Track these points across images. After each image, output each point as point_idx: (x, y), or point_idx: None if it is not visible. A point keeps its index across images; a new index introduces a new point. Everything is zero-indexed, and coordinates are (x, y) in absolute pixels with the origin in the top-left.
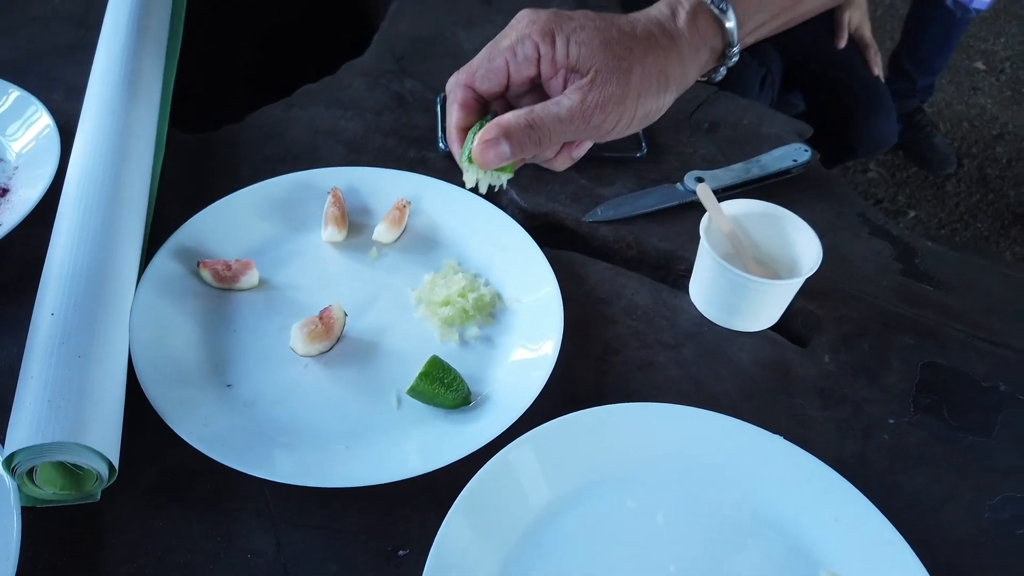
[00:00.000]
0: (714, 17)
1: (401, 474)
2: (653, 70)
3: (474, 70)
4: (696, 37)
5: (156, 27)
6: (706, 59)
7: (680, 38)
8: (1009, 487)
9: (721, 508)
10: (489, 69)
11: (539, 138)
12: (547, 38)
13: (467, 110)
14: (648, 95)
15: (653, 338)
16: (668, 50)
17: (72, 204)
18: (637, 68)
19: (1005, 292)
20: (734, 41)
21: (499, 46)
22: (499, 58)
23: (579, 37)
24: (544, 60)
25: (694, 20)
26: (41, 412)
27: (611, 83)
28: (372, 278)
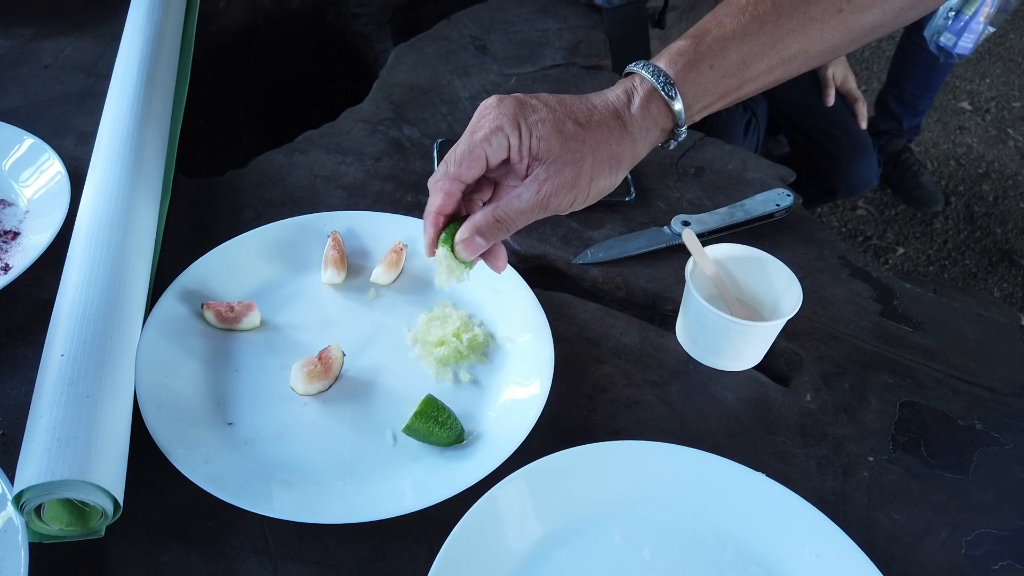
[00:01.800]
0: (664, 102)
1: (396, 511)
2: (605, 156)
3: (459, 161)
4: (648, 120)
5: (164, 75)
6: (656, 137)
7: (632, 124)
8: (984, 523)
9: (705, 544)
10: (470, 160)
11: (506, 228)
12: (515, 130)
13: (450, 198)
14: (600, 177)
15: (640, 377)
16: (620, 137)
17: (82, 248)
18: (588, 157)
19: (981, 333)
20: (682, 122)
21: (476, 138)
22: (478, 149)
23: (539, 131)
24: (513, 149)
25: (647, 105)
26: (50, 450)
27: (564, 172)
28: (370, 319)
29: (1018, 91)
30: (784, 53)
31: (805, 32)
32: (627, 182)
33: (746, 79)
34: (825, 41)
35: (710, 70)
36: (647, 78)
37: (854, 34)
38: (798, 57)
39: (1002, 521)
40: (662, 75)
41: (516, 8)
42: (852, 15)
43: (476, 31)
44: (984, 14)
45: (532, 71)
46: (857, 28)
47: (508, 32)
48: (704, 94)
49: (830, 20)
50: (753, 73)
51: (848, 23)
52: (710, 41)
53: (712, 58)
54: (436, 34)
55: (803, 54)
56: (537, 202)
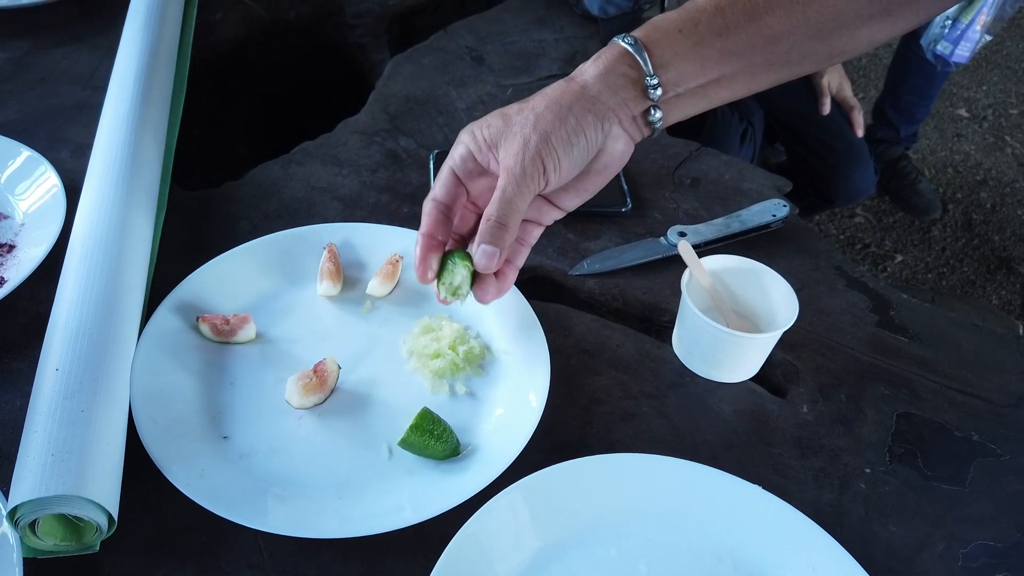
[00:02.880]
0: (622, 50)
1: (392, 524)
2: (551, 110)
3: (435, 184)
4: (601, 66)
5: (160, 87)
6: (620, 83)
7: (581, 74)
8: (982, 535)
9: (702, 557)
10: (443, 178)
11: (501, 224)
12: (471, 135)
13: (431, 219)
14: (557, 128)
15: (637, 389)
16: (565, 89)
17: (77, 262)
18: (532, 119)
19: (977, 344)
20: (649, 70)
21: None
22: (444, 167)
23: (487, 123)
24: (474, 151)
25: (598, 57)
26: (45, 466)
27: (516, 139)
28: (365, 331)
29: (1015, 99)
30: (764, 32)
31: (784, 11)
32: (623, 193)
33: (726, 52)
34: (809, 24)
35: (679, 34)
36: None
37: (840, 20)
38: (783, 40)
39: (999, 533)
40: (623, 35)
41: (512, 19)
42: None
43: (472, 42)
44: (981, 22)
45: (528, 81)
46: (843, 13)
47: (504, 43)
48: (676, 57)
49: (812, 1)
50: (732, 47)
51: (832, 5)
52: (680, 12)
53: (680, 23)
54: (432, 45)
55: (787, 37)
56: (511, 180)
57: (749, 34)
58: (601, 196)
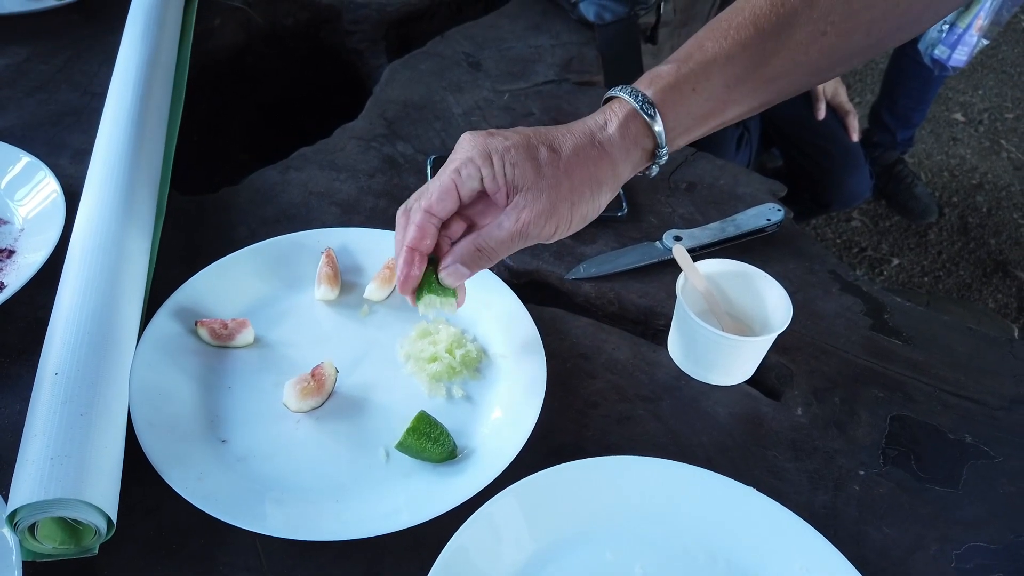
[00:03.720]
0: (644, 122)
1: (389, 527)
2: (583, 179)
3: (431, 194)
4: (628, 141)
5: (159, 94)
6: (638, 158)
7: (611, 145)
8: (975, 537)
9: (697, 559)
10: (442, 193)
11: (487, 257)
12: (486, 160)
13: (423, 232)
14: (581, 202)
15: (632, 392)
16: (599, 160)
17: (76, 266)
18: (565, 181)
19: (970, 346)
20: (663, 143)
21: (447, 170)
22: (448, 182)
23: (512, 158)
24: (486, 179)
25: (626, 126)
26: (44, 469)
27: (542, 199)
28: (363, 335)
29: (1011, 103)
30: (768, 75)
31: (789, 55)
32: (619, 198)
33: (729, 102)
34: (809, 64)
35: (692, 92)
36: (626, 100)
37: (838, 57)
38: (782, 79)
39: (992, 535)
40: (640, 95)
41: (509, 25)
42: (836, 38)
43: (469, 48)
44: (977, 27)
45: (525, 87)
46: (841, 51)
47: (501, 49)
48: (686, 116)
49: (814, 44)
50: (736, 96)
51: (832, 46)
52: (692, 64)
53: (694, 81)
54: (430, 51)
55: (787, 76)
56: (517, 231)
57: (754, 81)
58: None
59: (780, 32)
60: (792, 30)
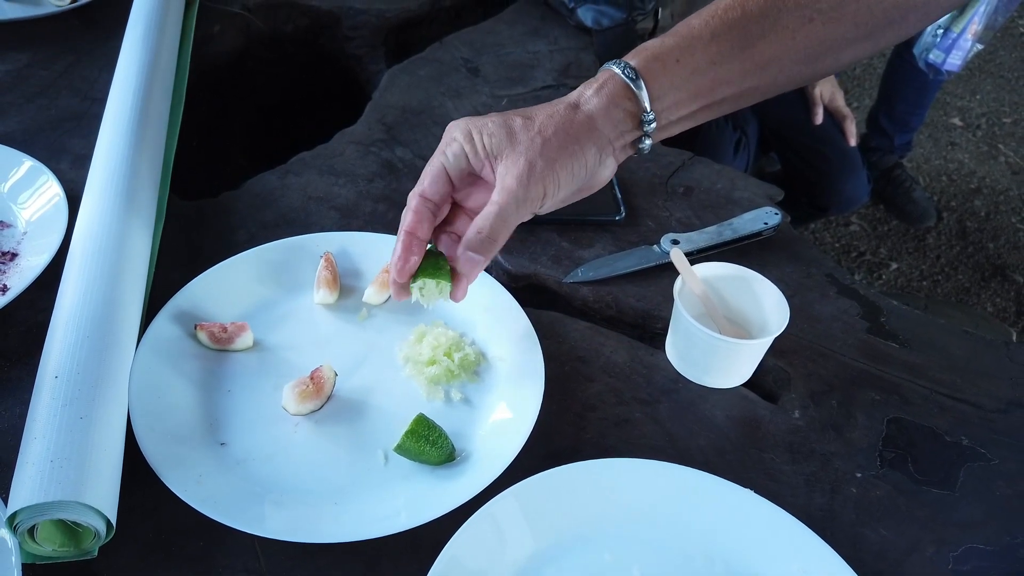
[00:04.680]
0: (623, 83)
1: (388, 529)
2: (560, 137)
3: (423, 179)
4: (604, 98)
5: (159, 99)
6: (620, 117)
7: (587, 103)
8: (971, 539)
9: (694, 561)
10: (433, 175)
11: (491, 238)
12: (468, 137)
13: (418, 216)
14: (563, 158)
15: (630, 395)
16: (574, 118)
17: (76, 270)
18: (539, 140)
19: (967, 349)
20: (647, 107)
21: (435, 158)
22: (437, 163)
23: (489, 130)
24: (470, 155)
25: (603, 86)
26: (43, 472)
27: (520, 161)
28: (362, 339)
29: (1008, 107)
30: (756, 59)
31: (776, 38)
32: (617, 201)
33: (718, 80)
34: (798, 51)
35: (676, 64)
36: (610, 67)
37: (828, 46)
38: (772, 65)
39: (989, 537)
40: (621, 63)
41: (507, 31)
42: (823, 26)
43: (468, 53)
44: (972, 31)
45: (523, 92)
46: (830, 40)
47: (499, 54)
48: (671, 88)
49: (801, 28)
50: (725, 75)
51: (820, 33)
52: (677, 38)
53: (678, 52)
54: (428, 56)
55: (777, 62)
56: (508, 199)
57: (741, 61)
58: (595, 205)
59: (766, 14)
60: (779, 14)
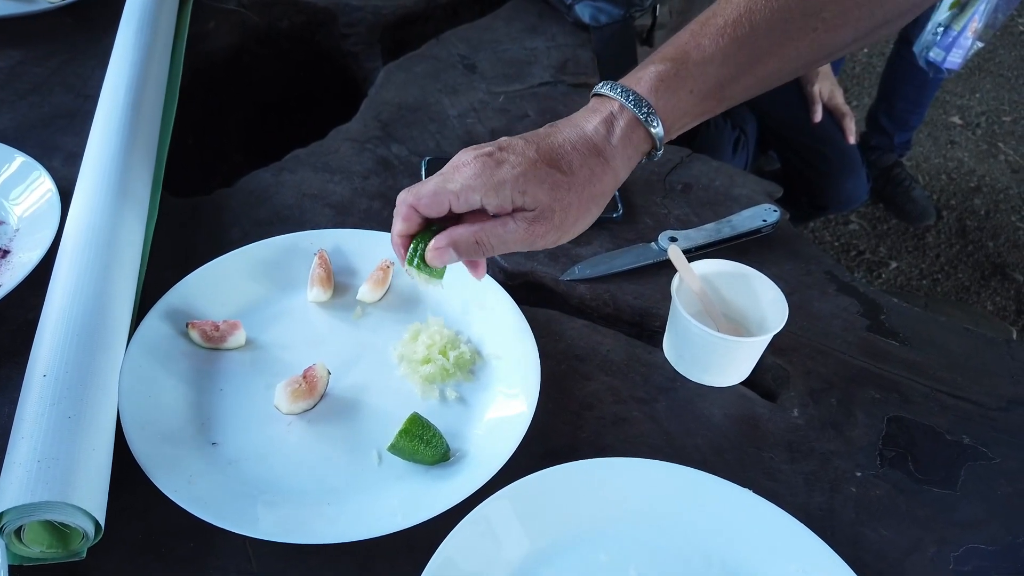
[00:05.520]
0: (646, 131)
1: (381, 530)
2: (590, 195)
3: (420, 198)
4: (629, 149)
5: (152, 96)
6: (636, 161)
7: (614, 157)
8: (972, 539)
9: (692, 561)
10: (433, 201)
11: (484, 251)
12: (490, 193)
13: (409, 222)
14: (586, 215)
15: (627, 394)
16: (603, 175)
17: (66, 268)
18: (575, 200)
19: (967, 347)
20: (660, 145)
21: (446, 188)
22: (444, 198)
23: (521, 187)
24: (489, 207)
25: (628, 138)
26: (31, 472)
27: (553, 218)
28: (356, 337)
29: (1008, 106)
30: (760, 73)
31: (782, 51)
32: (615, 199)
33: (723, 99)
34: (799, 59)
35: (690, 94)
36: (628, 107)
37: (827, 51)
38: (773, 75)
39: (990, 536)
40: (644, 104)
41: (504, 27)
42: (826, 34)
43: (465, 50)
44: (972, 29)
45: (520, 89)
46: (830, 45)
47: (496, 51)
48: (681, 116)
49: (804, 39)
50: (730, 93)
51: (822, 41)
52: (691, 66)
53: (692, 82)
54: (425, 53)
55: (778, 72)
56: (524, 239)
57: (747, 78)
58: None
59: (774, 28)
60: (787, 26)
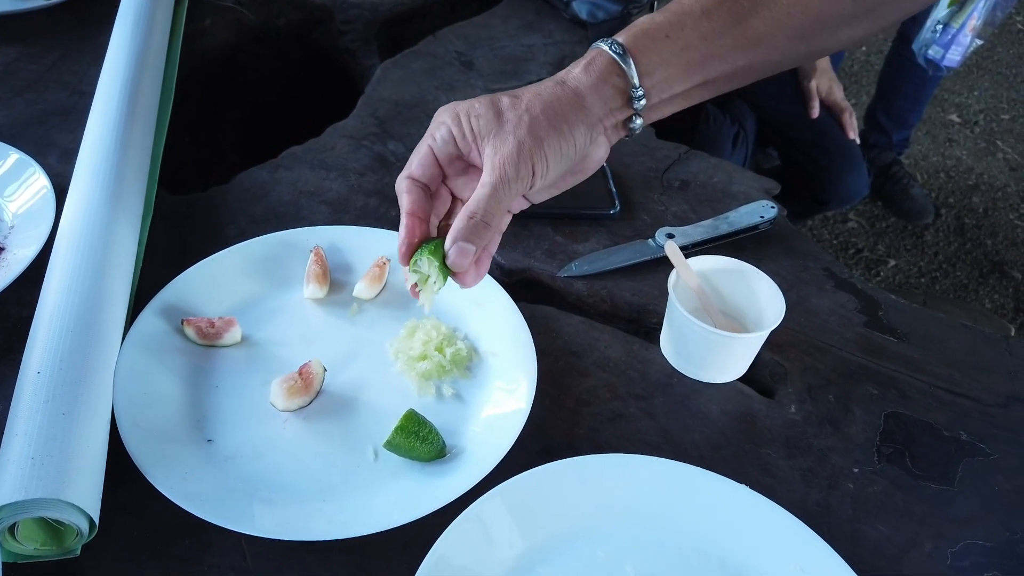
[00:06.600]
0: (611, 58)
1: (377, 526)
2: (548, 115)
3: (411, 163)
4: (592, 75)
5: (147, 94)
6: (609, 94)
7: (575, 81)
8: (970, 535)
9: (689, 558)
10: (420, 158)
11: (484, 223)
12: (455, 120)
13: (411, 196)
14: (551, 136)
15: (624, 390)
16: (561, 96)
17: (61, 265)
18: (526, 118)
19: (965, 343)
20: (635, 82)
21: (424, 141)
22: (424, 146)
23: (476, 111)
24: (458, 137)
25: (590, 64)
26: (24, 469)
27: (508, 141)
28: (352, 334)
29: (1006, 104)
30: (748, 34)
31: (769, 13)
32: (612, 195)
33: (710, 56)
34: (792, 27)
35: (665, 39)
36: (596, 46)
37: (823, 23)
38: (765, 42)
39: (988, 532)
40: (609, 40)
41: (501, 24)
42: (820, 1)
43: (462, 47)
44: (971, 27)
45: (517, 86)
46: (827, 16)
47: (494, 48)
48: (661, 64)
49: (796, 4)
50: (716, 51)
51: (816, 9)
52: (667, 14)
53: (668, 28)
54: (422, 50)
55: (770, 39)
56: (497, 178)
57: (734, 37)
58: (589, 199)
59: None
60: None
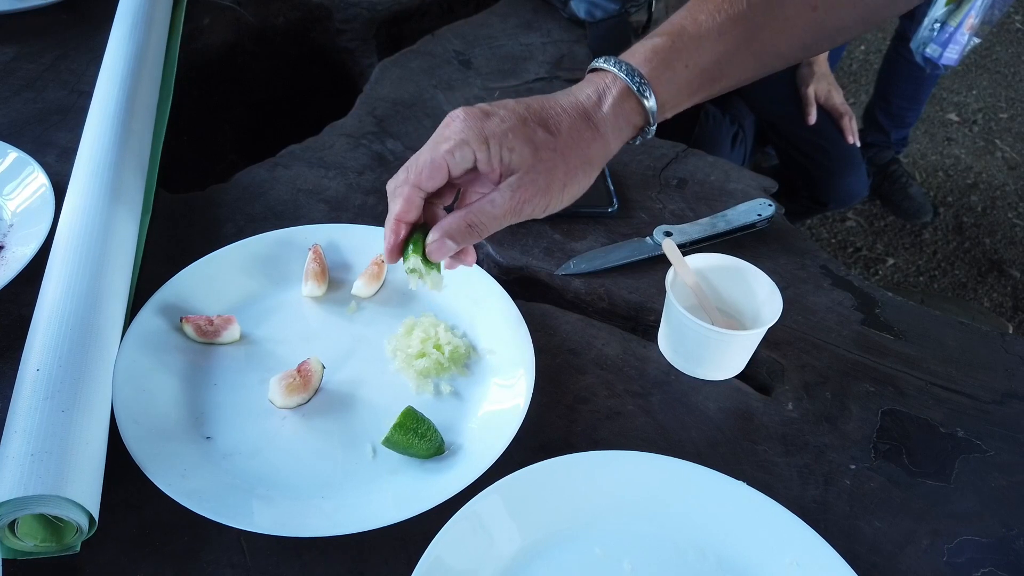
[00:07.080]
0: (638, 101)
1: (376, 523)
2: (577, 160)
3: (420, 170)
4: (620, 119)
5: (146, 93)
6: (628, 135)
7: (604, 124)
8: (966, 531)
9: (686, 554)
10: (432, 171)
11: (478, 233)
12: (482, 145)
13: (411, 204)
14: (574, 182)
15: (622, 387)
16: (592, 140)
17: (60, 263)
18: (561, 164)
19: (962, 341)
20: (654, 120)
21: (439, 150)
22: (440, 161)
23: (509, 143)
24: (481, 162)
25: (620, 104)
26: (24, 466)
27: (538, 180)
28: (350, 332)
29: (1004, 102)
30: (758, 51)
31: (778, 30)
32: (610, 193)
33: (719, 77)
34: (797, 39)
35: (685, 69)
36: (620, 77)
37: (826, 32)
38: (770, 54)
39: (984, 528)
40: (636, 74)
41: (499, 23)
42: (825, 13)
43: (460, 46)
44: (969, 26)
45: (515, 85)
46: (829, 26)
47: (492, 47)
48: (676, 92)
49: (802, 18)
50: (727, 71)
51: (820, 21)
52: (686, 39)
53: (687, 57)
54: (420, 49)
55: (775, 51)
56: (511, 208)
57: (744, 55)
58: (587, 197)
59: (771, 7)
60: (783, 5)
